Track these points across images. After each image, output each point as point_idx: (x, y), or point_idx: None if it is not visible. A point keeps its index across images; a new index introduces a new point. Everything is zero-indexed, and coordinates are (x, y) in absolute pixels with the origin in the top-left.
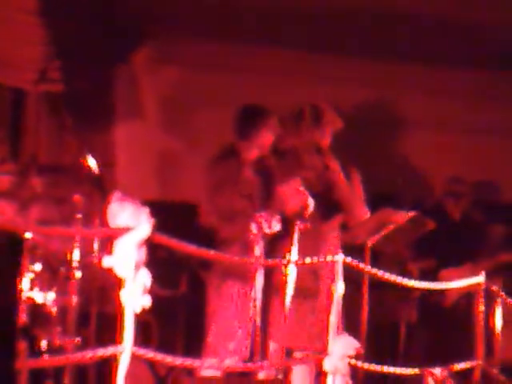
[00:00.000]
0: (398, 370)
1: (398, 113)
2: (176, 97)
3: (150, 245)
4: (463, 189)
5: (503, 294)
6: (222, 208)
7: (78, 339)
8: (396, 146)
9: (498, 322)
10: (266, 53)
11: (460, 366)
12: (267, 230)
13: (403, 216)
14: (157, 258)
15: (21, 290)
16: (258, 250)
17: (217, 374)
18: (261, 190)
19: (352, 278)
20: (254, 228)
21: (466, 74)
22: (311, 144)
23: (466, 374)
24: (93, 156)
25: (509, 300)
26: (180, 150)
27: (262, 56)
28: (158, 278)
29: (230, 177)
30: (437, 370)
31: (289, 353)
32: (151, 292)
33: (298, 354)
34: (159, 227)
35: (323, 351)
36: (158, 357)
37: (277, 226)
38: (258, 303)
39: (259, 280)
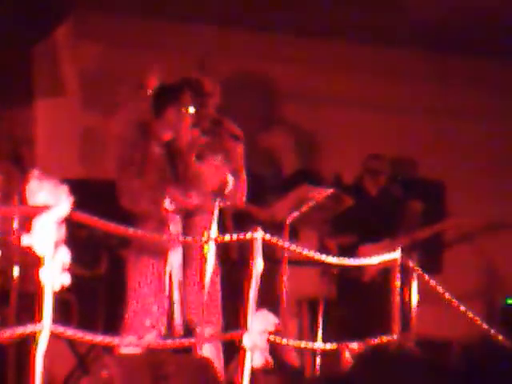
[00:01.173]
0: (316, 346)
1: (316, 89)
2: (98, 73)
3: (70, 223)
4: (381, 165)
5: (419, 269)
6: (132, 186)
7: None
8: (315, 123)
9: (414, 297)
10: (189, 30)
11: (377, 340)
12: (180, 206)
13: (322, 193)
14: (77, 237)
15: None
16: (175, 226)
17: (136, 350)
18: (175, 167)
19: (271, 254)
20: (167, 204)
21: (386, 51)
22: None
23: (382, 348)
24: (12, 134)
25: (425, 275)
26: (102, 127)
27: (185, 33)
28: (78, 256)
29: (139, 156)
30: (354, 344)
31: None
32: (71, 271)
33: (207, 330)
34: (80, 205)
35: (242, 327)
36: (78, 335)
37: (193, 200)
38: (176, 279)
39: (177, 256)
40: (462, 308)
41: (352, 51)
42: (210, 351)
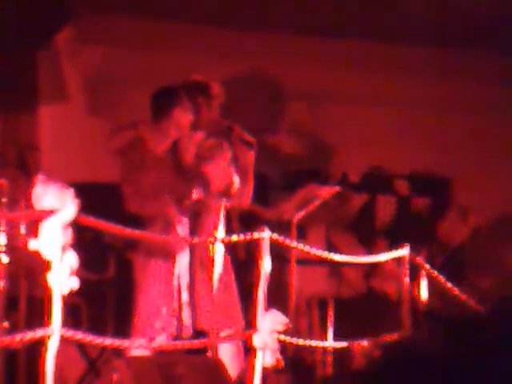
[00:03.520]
0: (327, 344)
1: (322, 88)
2: (101, 77)
3: (77, 227)
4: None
5: (427, 265)
6: (138, 189)
7: (6, 323)
8: (321, 122)
9: (424, 293)
10: (193, 31)
11: (387, 337)
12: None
13: (328, 191)
14: (84, 240)
15: None
16: (182, 227)
17: (146, 352)
18: (180, 169)
19: (279, 254)
20: (173, 205)
21: (393, 48)
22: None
23: (393, 346)
24: (17, 139)
25: (433, 271)
26: (106, 131)
27: (189, 34)
28: (86, 260)
29: (143, 159)
30: (364, 342)
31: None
32: (79, 274)
33: (225, 332)
34: (86, 209)
35: (252, 327)
36: (87, 338)
37: (196, 195)
38: (185, 281)
39: (185, 258)
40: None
41: (359, 49)
42: (229, 352)
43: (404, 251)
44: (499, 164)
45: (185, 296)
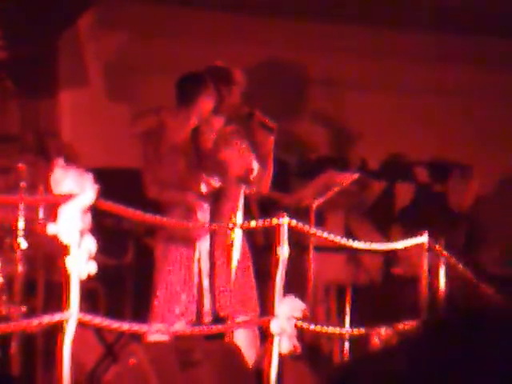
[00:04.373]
0: (345, 331)
1: (342, 75)
2: (122, 63)
3: (96, 211)
4: None
5: (446, 252)
6: (158, 176)
7: (24, 308)
8: (340, 109)
9: (442, 280)
10: (216, 18)
11: (405, 324)
12: (204, 189)
13: (348, 178)
14: (103, 225)
15: None
16: (202, 213)
17: (164, 338)
18: (200, 154)
19: (298, 240)
20: (194, 191)
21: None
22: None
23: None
24: (37, 124)
25: (452, 258)
26: (126, 116)
27: (210, 21)
28: (104, 245)
29: (163, 146)
30: (382, 329)
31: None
32: (97, 259)
33: (240, 318)
34: (105, 194)
35: (269, 313)
36: (105, 323)
37: (216, 183)
38: (205, 266)
39: (204, 244)
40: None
41: (381, 36)
42: (245, 338)
43: (423, 238)
44: None
45: (206, 282)
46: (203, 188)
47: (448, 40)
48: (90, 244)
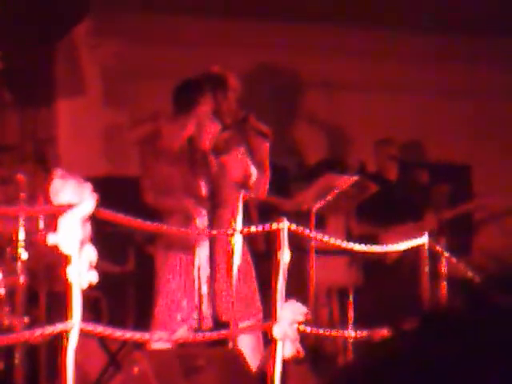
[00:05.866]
0: (347, 334)
1: (339, 77)
2: (118, 70)
3: (96, 221)
4: (394, 150)
5: (447, 253)
6: (158, 183)
7: (26, 318)
8: (338, 112)
9: (443, 281)
10: (210, 24)
11: (406, 325)
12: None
13: (346, 181)
14: (103, 234)
15: None
16: (201, 220)
17: (167, 345)
18: (198, 162)
19: (298, 244)
20: (192, 198)
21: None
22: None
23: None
24: (35, 133)
25: (452, 259)
26: (124, 123)
27: (205, 27)
28: (105, 253)
29: (162, 152)
30: (384, 331)
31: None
32: (99, 268)
33: (244, 323)
34: (105, 203)
35: (271, 318)
36: (108, 331)
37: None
38: (205, 273)
39: (204, 250)
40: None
41: (378, 38)
42: (248, 343)
43: (423, 239)
44: None
45: (205, 288)
46: (202, 193)
47: (447, 41)
48: (91, 253)
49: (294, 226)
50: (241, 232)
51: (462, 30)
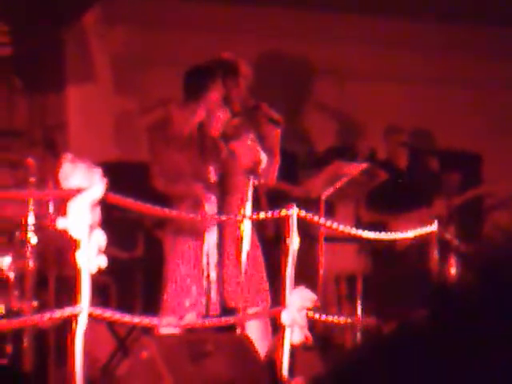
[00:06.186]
0: (356, 321)
1: (349, 65)
2: (128, 56)
3: (105, 205)
4: (405, 138)
5: (456, 241)
6: (168, 169)
7: (35, 302)
8: (347, 99)
9: (453, 269)
10: (218, 10)
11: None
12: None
13: (356, 168)
14: (112, 219)
15: None
16: (210, 205)
17: (175, 331)
18: (208, 147)
19: (307, 231)
20: (202, 183)
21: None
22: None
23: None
24: (44, 119)
25: (462, 247)
26: (133, 109)
27: (215, 13)
28: (114, 238)
29: (172, 138)
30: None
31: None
32: (108, 253)
33: (252, 309)
34: (114, 188)
35: (280, 304)
36: (116, 316)
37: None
38: (213, 259)
39: (213, 236)
40: None
41: (388, 26)
42: (257, 329)
43: (432, 227)
44: None
45: (213, 274)
46: (212, 179)
47: (457, 30)
48: (100, 238)
49: (303, 213)
50: (250, 218)
51: (475, 19)
